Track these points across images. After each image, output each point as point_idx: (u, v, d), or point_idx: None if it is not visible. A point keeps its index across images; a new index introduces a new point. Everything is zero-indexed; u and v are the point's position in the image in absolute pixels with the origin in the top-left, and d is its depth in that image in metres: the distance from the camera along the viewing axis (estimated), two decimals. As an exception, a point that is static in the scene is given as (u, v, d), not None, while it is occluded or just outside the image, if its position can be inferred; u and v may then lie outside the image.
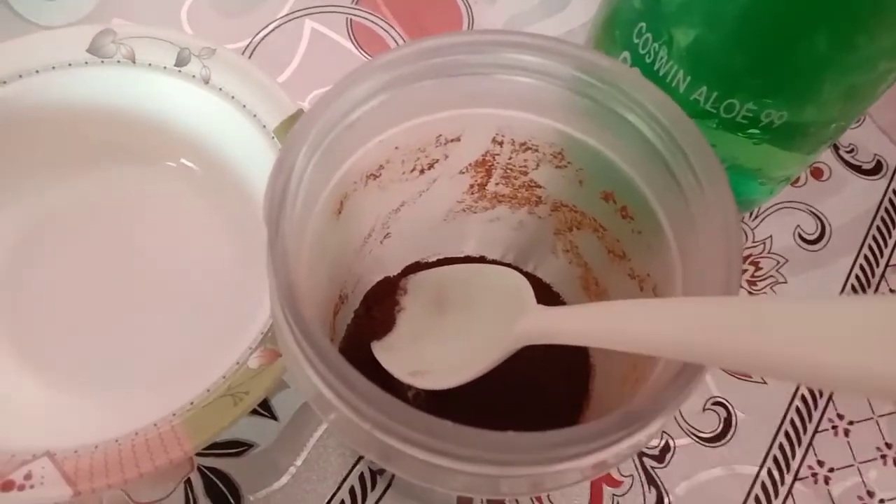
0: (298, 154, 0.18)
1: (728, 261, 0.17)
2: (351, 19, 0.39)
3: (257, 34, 0.38)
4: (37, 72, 0.30)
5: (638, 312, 0.18)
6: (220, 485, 0.28)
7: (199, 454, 0.28)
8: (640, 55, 0.25)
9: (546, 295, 0.30)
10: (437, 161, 0.25)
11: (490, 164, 0.25)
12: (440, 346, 0.26)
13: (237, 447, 0.29)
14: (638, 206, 0.22)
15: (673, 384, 0.16)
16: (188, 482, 0.28)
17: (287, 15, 0.38)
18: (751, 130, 0.25)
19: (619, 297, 0.25)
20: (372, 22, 0.39)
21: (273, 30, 0.38)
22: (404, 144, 0.23)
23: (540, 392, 0.28)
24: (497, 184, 0.26)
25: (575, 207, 0.26)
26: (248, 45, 0.37)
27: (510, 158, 0.25)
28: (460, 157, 0.25)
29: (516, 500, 0.29)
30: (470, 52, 0.21)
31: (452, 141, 0.24)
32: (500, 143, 0.24)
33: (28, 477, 0.23)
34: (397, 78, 0.21)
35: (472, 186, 0.27)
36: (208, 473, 0.28)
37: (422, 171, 0.25)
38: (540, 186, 0.26)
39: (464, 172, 0.26)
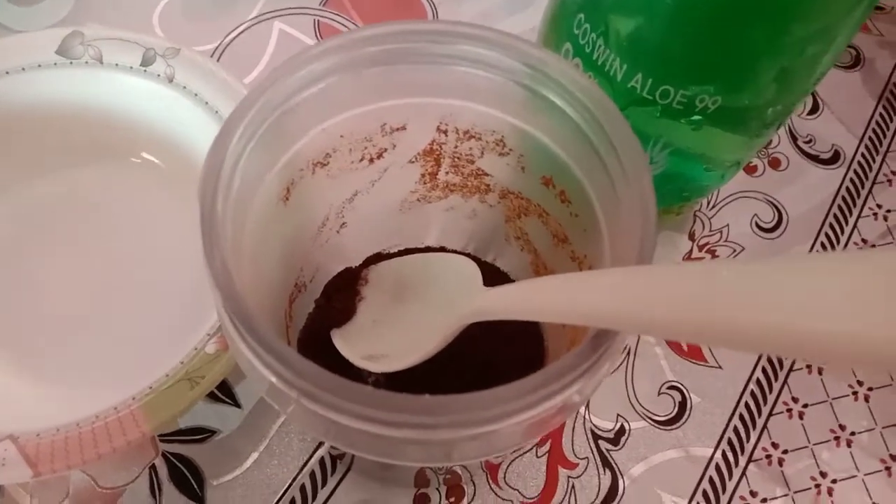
0: (233, 137, 0.19)
1: (642, 241, 0.18)
2: (318, 21, 0.40)
3: (227, 36, 0.39)
4: (7, 73, 0.31)
5: (559, 285, 0.19)
6: (184, 470, 0.29)
7: (163, 440, 0.29)
8: (580, 45, 0.26)
9: (504, 283, 0.30)
10: (386, 150, 0.26)
11: (438, 152, 0.26)
12: (395, 332, 0.26)
13: (201, 433, 0.29)
14: (574, 189, 0.23)
15: (586, 347, 0.17)
16: (153, 468, 0.29)
17: (256, 17, 0.39)
18: (689, 116, 0.25)
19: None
20: (339, 23, 0.40)
21: (242, 31, 0.39)
22: (349, 133, 0.24)
23: (497, 374, 0.28)
24: (447, 173, 0.27)
25: (520, 194, 0.26)
26: (217, 47, 0.38)
27: (456, 147, 0.26)
28: (408, 146, 0.26)
29: (473, 483, 0.29)
30: (407, 41, 0.22)
31: (398, 130, 0.25)
32: (445, 132, 0.25)
33: (-10, 459, 0.24)
34: (336, 66, 0.22)
35: (423, 176, 0.27)
36: (172, 459, 0.29)
37: (371, 161, 0.26)
38: (487, 174, 0.27)
39: (413, 161, 0.27)
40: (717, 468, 0.30)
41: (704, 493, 0.30)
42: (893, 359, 0.11)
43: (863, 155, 0.38)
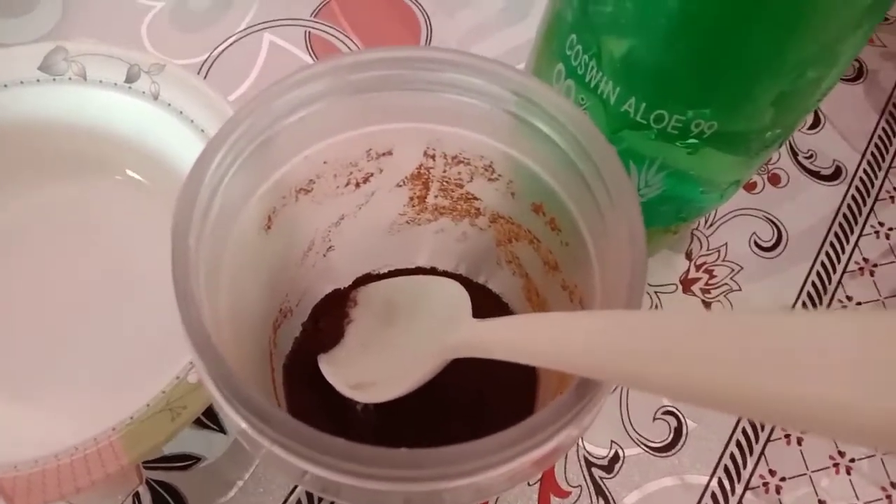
0: (210, 166, 0.19)
1: (632, 274, 0.17)
2: (309, 32, 0.39)
3: (216, 48, 0.38)
4: (-12, 90, 0.30)
5: (543, 327, 0.18)
6: (169, 498, 0.28)
7: (147, 467, 0.29)
8: (572, 67, 0.25)
9: (495, 306, 0.30)
10: (372, 175, 0.25)
11: (426, 177, 0.26)
12: (384, 358, 0.26)
13: (186, 461, 0.29)
14: (563, 217, 0.22)
15: (570, 396, 0.16)
16: (136, 496, 0.28)
17: (246, 29, 0.39)
18: (684, 140, 0.25)
19: (556, 307, 0.25)
20: (330, 34, 0.39)
21: (232, 43, 0.38)
22: (333, 159, 0.23)
23: (488, 406, 0.28)
24: (436, 196, 0.27)
25: (511, 219, 0.26)
26: (206, 59, 0.38)
27: (444, 171, 0.25)
28: (395, 171, 0.25)
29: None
30: (393, 67, 0.21)
31: (384, 155, 0.24)
32: (433, 157, 0.24)
33: (-36, 493, 0.24)
34: (321, 92, 0.21)
35: (411, 199, 0.27)
36: (157, 487, 0.28)
37: (357, 185, 0.25)
38: (477, 199, 0.26)
39: (401, 185, 0.26)
40: (714, 496, 0.29)
41: (700, 522, 0.29)
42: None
43: (865, 171, 0.37)
